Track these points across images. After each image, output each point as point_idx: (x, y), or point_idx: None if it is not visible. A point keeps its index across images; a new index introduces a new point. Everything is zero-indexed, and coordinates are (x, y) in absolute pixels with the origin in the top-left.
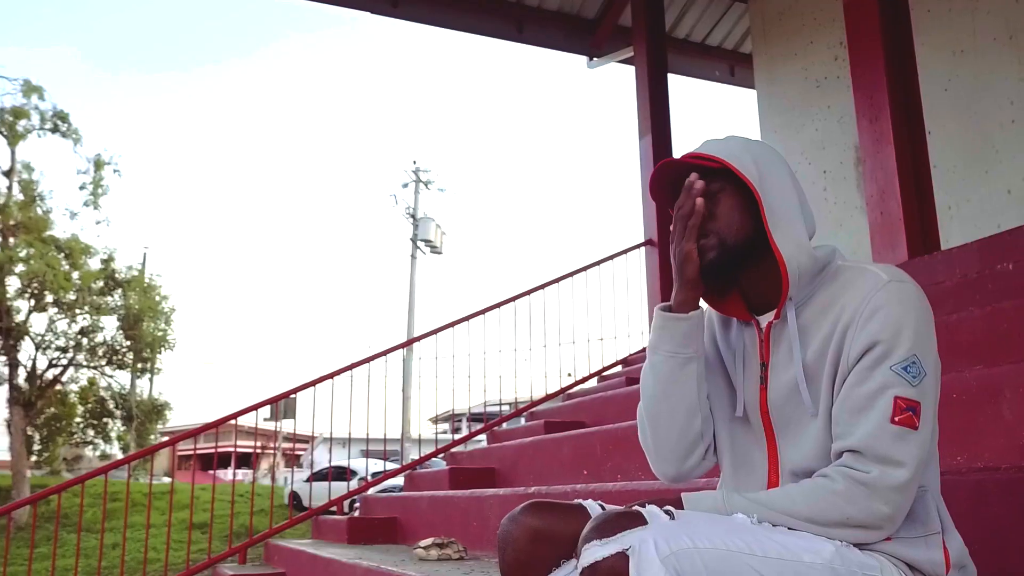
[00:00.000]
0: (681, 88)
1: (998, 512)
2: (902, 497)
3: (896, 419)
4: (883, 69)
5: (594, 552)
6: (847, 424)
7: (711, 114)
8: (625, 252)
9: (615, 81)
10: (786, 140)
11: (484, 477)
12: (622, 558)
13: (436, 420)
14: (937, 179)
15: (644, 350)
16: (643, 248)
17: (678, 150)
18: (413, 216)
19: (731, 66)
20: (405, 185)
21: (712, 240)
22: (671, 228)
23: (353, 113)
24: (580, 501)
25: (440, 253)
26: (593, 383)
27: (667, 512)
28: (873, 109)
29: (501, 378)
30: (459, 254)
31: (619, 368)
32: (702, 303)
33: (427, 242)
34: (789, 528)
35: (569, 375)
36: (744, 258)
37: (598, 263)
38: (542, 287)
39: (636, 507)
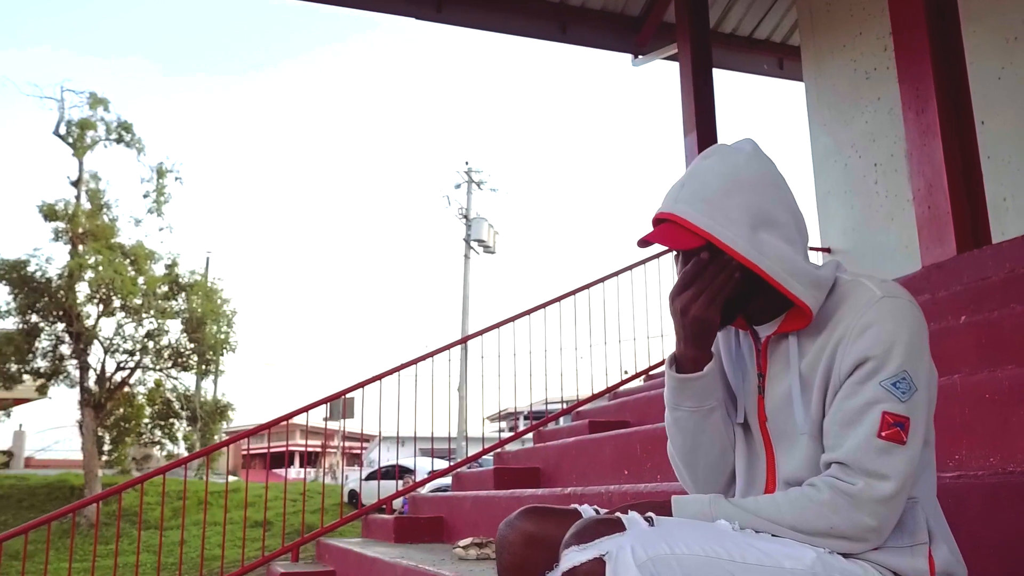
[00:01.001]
0: (729, 82)
1: (1010, 517)
2: (887, 509)
3: (883, 434)
4: (929, 59)
5: (572, 557)
6: (836, 436)
7: (759, 107)
8: (668, 252)
9: (661, 78)
10: (835, 133)
11: (528, 477)
12: (599, 563)
13: (495, 418)
14: (991, 171)
15: None
16: None
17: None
18: (466, 216)
19: (779, 59)
20: (458, 186)
21: (722, 310)
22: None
23: (406, 115)
24: (576, 506)
25: (493, 252)
26: (640, 382)
27: (647, 519)
28: (919, 101)
29: (550, 376)
30: (512, 253)
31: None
32: None
33: (480, 242)
34: (773, 535)
35: (625, 372)
36: (747, 303)
37: (644, 261)
38: (589, 286)
39: (617, 513)
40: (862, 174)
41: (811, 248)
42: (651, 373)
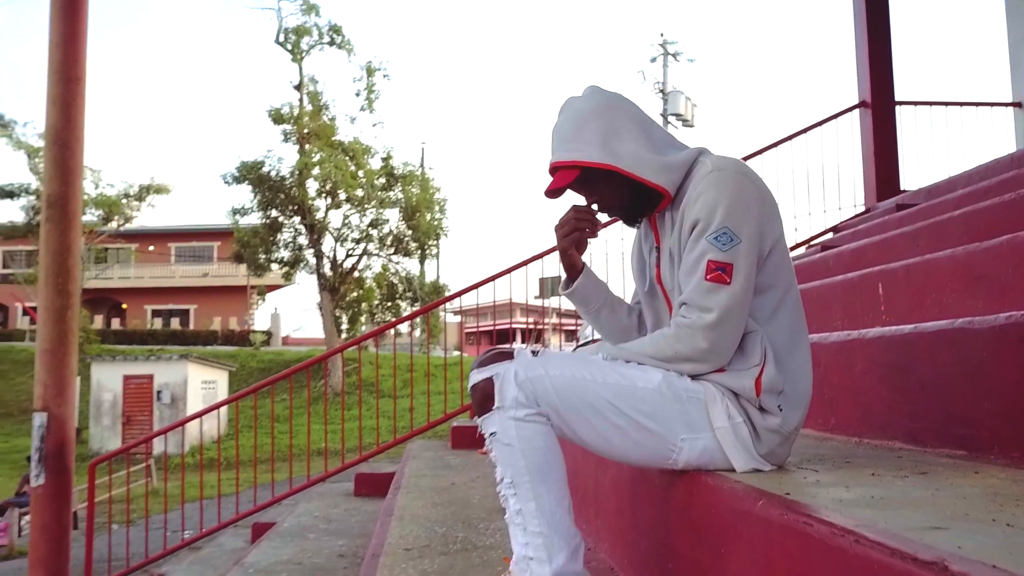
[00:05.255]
0: None
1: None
2: (715, 334)
3: (708, 277)
4: None
5: (473, 377)
6: (682, 284)
7: None
8: (836, 117)
9: None
10: None
11: None
12: (490, 382)
13: None
14: None
15: (854, 217)
16: (856, 111)
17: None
18: (662, 91)
19: None
20: (653, 59)
21: (615, 211)
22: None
23: None
24: (515, 346)
25: (692, 126)
26: (801, 252)
27: (533, 352)
28: None
29: None
30: (712, 126)
31: (829, 236)
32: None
33: (678, 116)
34: (639, 364)
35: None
36: (640, 199)
37: (805, 130)
38: (748, 158)
39: (513, 347)
40: None
41: (1001, 104)
42: (811, 244)
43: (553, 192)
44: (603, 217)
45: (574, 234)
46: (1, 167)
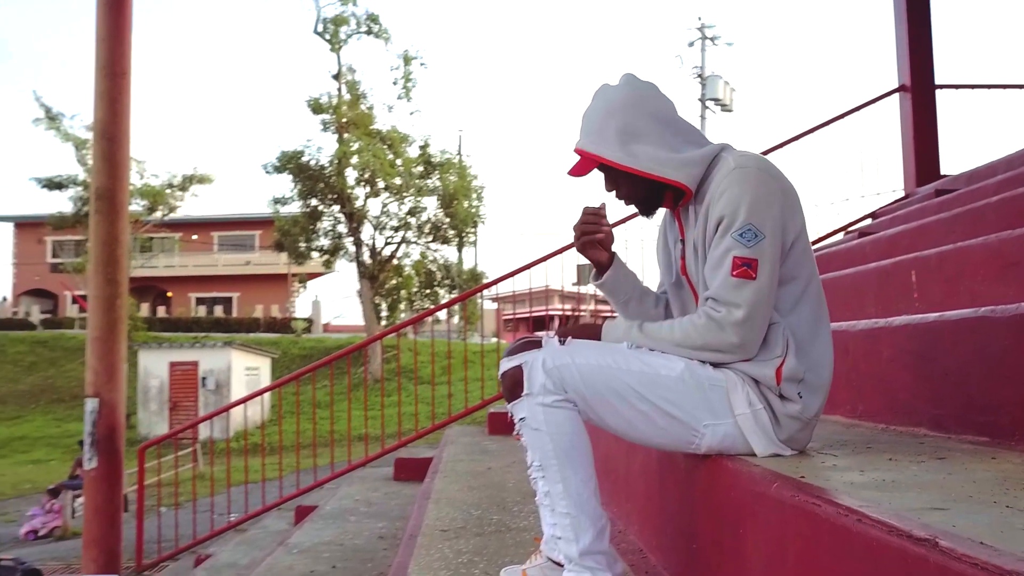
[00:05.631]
0: None
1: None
2: (744, 329)
3: (735, 273)
4: None
5: (503, 365)
6: (708, 279)
7: None
8: (874, 101)
9: None
10: None
11: None
12: (519, 369)
13: None
14: None
15: (894, 203)
16: (896, 95)
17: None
18: (700, 75)
19: None
20: (691, 44)
21: (631, 203)
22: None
23: None
24: (543, 334)
25: (731, 111)
26: (839, 238)
27: (561, 341)
28: None
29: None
30: (751, 110)
31: (868, 222)
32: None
33: (716, 100)
34: (665, 352)
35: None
36: (657, 194)
37: (843, 115)
38: (784, 144)
39: (541, 336)
40: None
41: None
42: (849, 230)
43: (574, 174)
44: (610, 216)
45: (584, 239)
46: (50, 159)
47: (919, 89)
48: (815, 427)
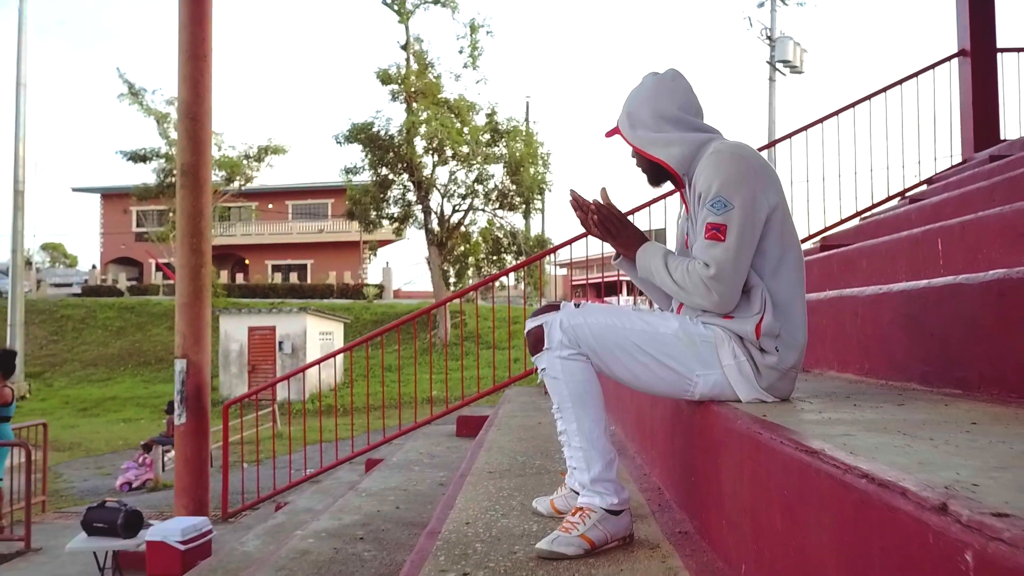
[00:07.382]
0: None
1: None
2: (716, 283)
3: (707, 236)
4: None
5: (528, 324)
6: (695, 243)
7: None
8: (933, 67)
9: None
10: None
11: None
12: (540, 328)
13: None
14: None
15: (950, 168)
16: (955, 60)
17: None
18: (770, 37)
19: None
20: (760, 4)
21: (644, 172)
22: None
23: None
24: (562, 301)
25: (801, 73)
26: (893, 204)
27: (576, 304)
28: None
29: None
30: (822, 71)
31: (923, 188)
32: None
33: (786, 63)
34: (660, 310)
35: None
36: (657, 169)
37: (901, 81)
38: (848, 107)
39: (560, 301)
40: None
41: None
42: (905, 196)
43: (607, 136)
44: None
45: (593, 230)
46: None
47: (979, 53)
48: (795, 378)
